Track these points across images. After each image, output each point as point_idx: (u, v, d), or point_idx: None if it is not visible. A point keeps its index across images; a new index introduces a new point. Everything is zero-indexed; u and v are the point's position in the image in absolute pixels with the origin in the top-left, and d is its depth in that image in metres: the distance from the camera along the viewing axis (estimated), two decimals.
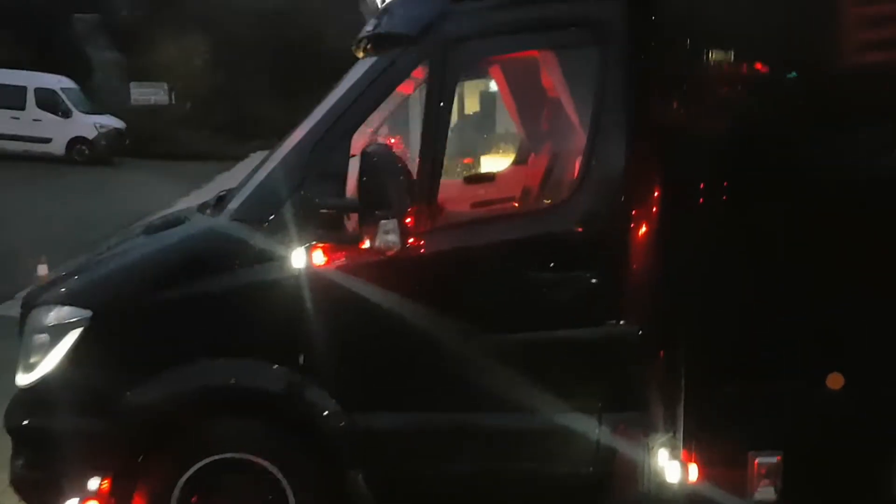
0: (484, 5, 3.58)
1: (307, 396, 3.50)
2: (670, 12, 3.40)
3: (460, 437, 3.58)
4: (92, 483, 3.51)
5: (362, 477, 3.56)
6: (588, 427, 3.53)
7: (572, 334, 3.52)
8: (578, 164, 3.61)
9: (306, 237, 3.42)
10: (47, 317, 3.58)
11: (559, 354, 3.53)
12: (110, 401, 3.48)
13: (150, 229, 3.95)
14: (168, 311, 3.51)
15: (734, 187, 3.39)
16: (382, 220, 3.24)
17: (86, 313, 3.50)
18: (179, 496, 3.58)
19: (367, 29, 3.83)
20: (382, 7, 3.84)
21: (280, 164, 3.57)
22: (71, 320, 3.51)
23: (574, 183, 3.61)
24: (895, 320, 3.44)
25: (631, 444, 3.51)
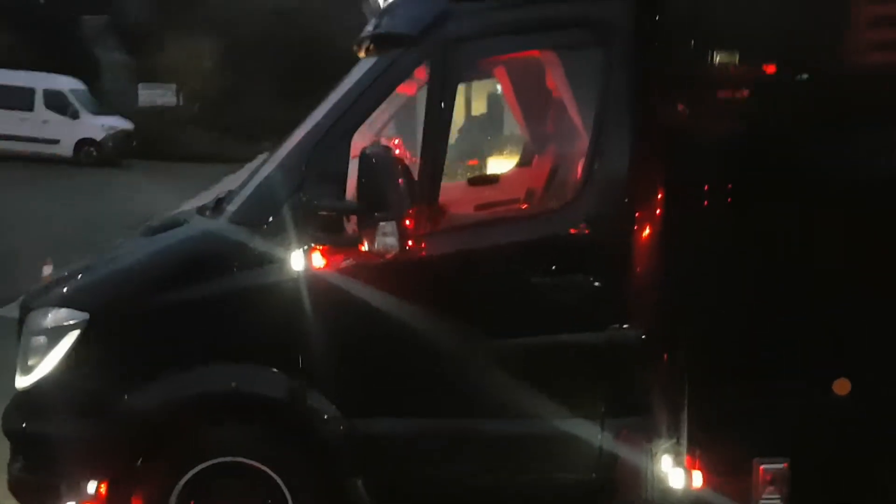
0: (485, 5, 3.54)
1: (306, 401, 3.46)
2: (675, 12, 3.36)
3: (461, 443, 3.54)
4: (89, 487, 3.49)
5: (362, 483, 3.52)
6: (591, 432, 3.48)
7: (574, 338, 3.48)
8: (582, 167, 3.57)
9: (305, 239, 3.38)
10: (45, 319, 3.56)
11: (561, 359, 3.49)
12: (108, 404, 3.45)
13: (149, 231, 3.92)
14: (166, 314, 3.48)
15: (739, 189, 3.35)
16: (381, 223, 3.21)
17: (83, 316, 3.48)
18: (177, 501, 3.54)
19: (368, 29, 3.80)
20: (383, 7, 3.80)
21: (279, 166, 3.54)
22: (68, 323, 3.49)
23: (577, 185, 3.57)
24: None
25: (634, 450, 3.46)
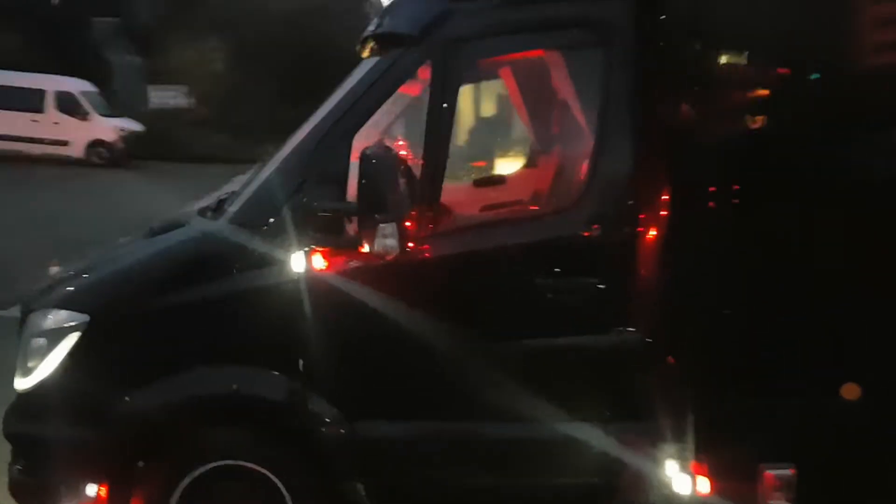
0: (486, 5, 3.49)
1: (307, 404, 3.43)
2: (677, 12, 3.31)
3: (463, 447, 3.50)
4: (89, 490, 3.47)
5: (362, 487, 3.49)
6: (595, 437, 3.44)
7: (578, 341, 3.44)
8: (585, 168, 3.53)
9: (306, 241, 3.35)
10: (45, 321, 3.55)
11: (565, 362, 3.45)
12: (107, 406, 3.44)
13: (150, 232, 3.90)
14: (166, 316, 3.46)
15: (745, 190, 3.29)
16: (381, 224, 3.18)
17: (83, 317, 3.46)
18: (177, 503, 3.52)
19: (370, 29, 3.77)
20: (385, 7, 3.76)
21: (279, 167, 3.52)
22: (68, 324, 3.47)
23: (581, 187, 3.53)
24: None
25: (639, 455, 3.42)
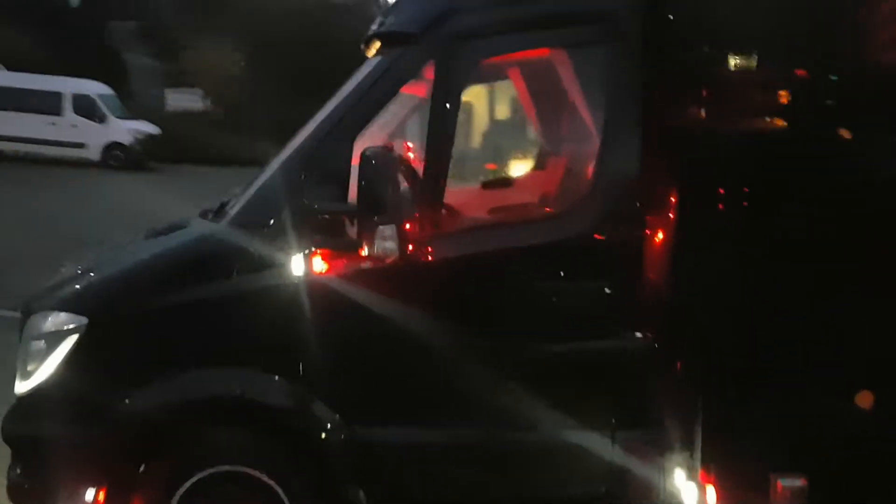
0: (489, 2, 3.45)
1: (306, 408, 3.38)
2: (687, 10, 3.25)
3: (465, 453, 3.44)
4: (88, 494, 3.43)
5: (363, 493, 3.43)
6: (601, 445, 3.38)
7: (583, 346, 3.37)
8: (592, 170, 3.46)
9: (306, 243, 3.30)
10: (44, 323, 3.51)
11: (570, 367, 3.39)
12: (105, 410, 3.39)
13: (151, 234, 3.86)
14: (165, 318, 3.42)
15: (756, 192, 3.23)
16: (380, 226, 3.12)
17: (82, 320, 3.42)
18: None
19: (373, 27, 3.72)
20: (389, 4, 3.70)
21: (280, 168, 3.46)
22: (67, 327, 3.43)
23: (587, 188, 3.46)
24: None
25: (646, 464, 3.36)
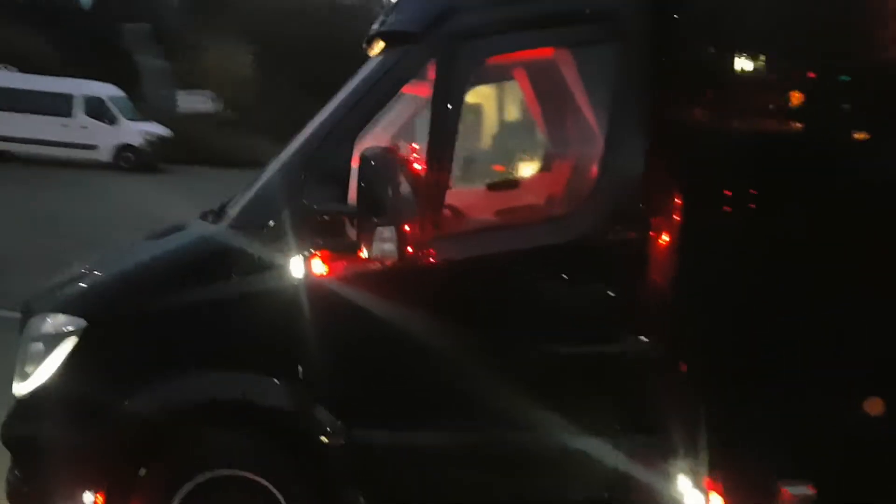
0: (490, 1, 3.40)
1: (306, 411, 3.35)
2: (694, 9, 3.20)
3: (467, 458, 3.40)
4: (87, 497, 3.41)
5: (363, 497, 3.39)
6: (604, 450, 3.33)
7: (587, 350, 3.33)
8: (596, 171, 3.41)
9: (305, 244, 3.26)
10: (43, 325, 3.49)
11: (573, 370, 3.34)
12: (104, 413, 3.36)
13: (151, 236, 3.84)
14: (164, 320, 3.39)
15: (763, 193, 3.17)
16: (379, 228, 3.08)
17: (80, 322, 3.40)
18: None
19: (374, 27, 3.68)
20: (392, 3, 3.66)
21: (280, 169, 3.43)
22: (66, 329, 3.41)
23: (590, 189, 3.41)
24: None
25: (650, 470, 3.31)
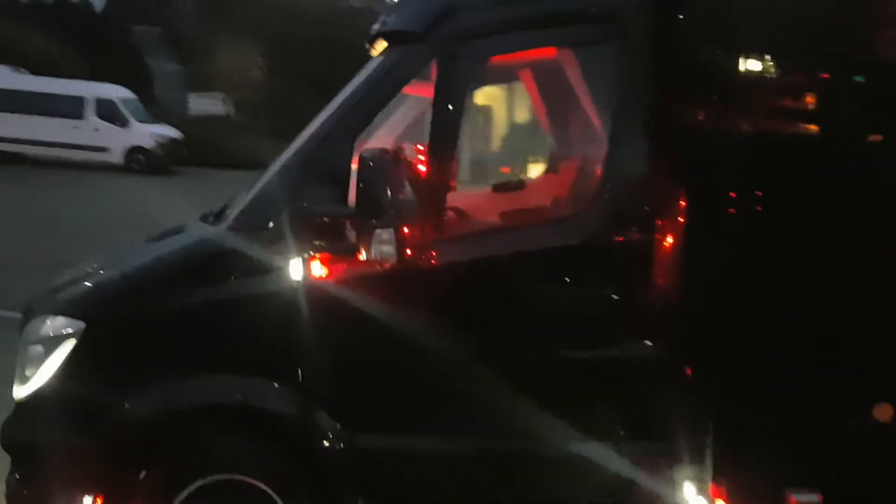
0: (491, 0, 3.37)
1: (306, 415, 3.31)
2: (696, 9, 3.16)
3: (468, 463, 3.36)
4: (86, 500, 3.39)
5: (363, 501, 3.36)
6: (608, 456, 3.29)
7: (590, 354, 3.27)
8: (600, 172, 3.36)
9: (304, 246, 3.23)
10: (42, 327, 3.47)
11: (576, 376, 3.29)
12: (103, 416, 3.34)
13: (151, 238, 3.81)
14: (163, 323, 3.37)
15: (769, 195, 3.12)
16: (377, 230, 3.04)
17: (79, 324, 3.38)
18: None
19: (375, 27, 3.64)
20: (393, 3, 3.63)
21: (280, 171, 3.40)
22: (65, 332, 3.39)
23: (595, 191, 3.37)
24: None
25: (654, 477, 3.26)
